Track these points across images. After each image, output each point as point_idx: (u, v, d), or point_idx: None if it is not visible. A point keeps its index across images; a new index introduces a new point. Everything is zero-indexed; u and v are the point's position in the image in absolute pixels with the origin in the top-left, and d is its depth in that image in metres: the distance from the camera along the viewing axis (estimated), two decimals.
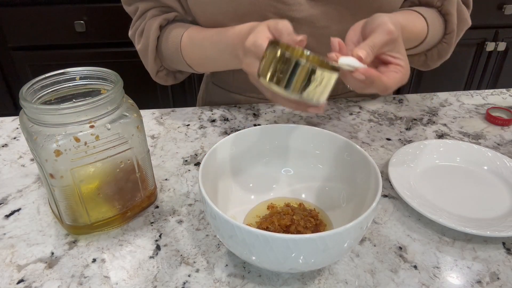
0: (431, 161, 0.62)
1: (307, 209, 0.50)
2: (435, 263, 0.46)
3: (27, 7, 1.46)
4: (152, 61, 0.72)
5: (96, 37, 1.55)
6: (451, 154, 0.63)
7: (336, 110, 0.78)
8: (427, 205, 0.52)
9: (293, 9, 0.65)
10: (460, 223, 0.49)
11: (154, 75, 0.76)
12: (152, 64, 0.73)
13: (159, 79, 0.77)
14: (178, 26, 0.70)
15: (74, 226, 0.48)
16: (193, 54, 0.68)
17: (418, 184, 0.57)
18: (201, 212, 0.52)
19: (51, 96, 0.46)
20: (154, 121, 0.74)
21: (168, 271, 0.44)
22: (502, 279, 0.44)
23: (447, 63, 0.84)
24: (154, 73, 0.75)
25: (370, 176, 0.45)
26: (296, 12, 0.65)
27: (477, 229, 0.47)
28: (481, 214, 0.52)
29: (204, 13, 0.69)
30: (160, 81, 0.78)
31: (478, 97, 0.84)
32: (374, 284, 0.43)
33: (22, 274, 0.44)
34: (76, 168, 0.43)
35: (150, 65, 0.73)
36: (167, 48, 0.70)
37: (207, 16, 0.69)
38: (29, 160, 0.63)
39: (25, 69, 1.59)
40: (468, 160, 0.62)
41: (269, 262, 0.38)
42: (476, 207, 0.53)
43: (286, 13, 0.65)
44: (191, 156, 0.64)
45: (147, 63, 0.74)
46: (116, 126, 0.44)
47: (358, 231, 0.38)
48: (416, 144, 0.63)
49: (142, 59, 0.74)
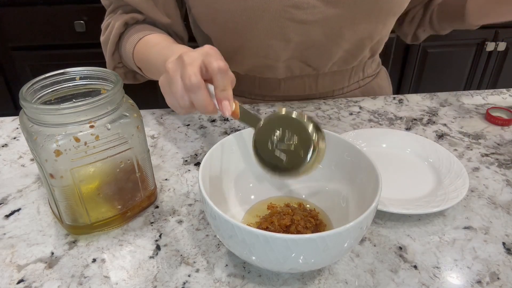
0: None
1: (307, 209, 0.50)
2: (435, 263, 0.46)
3: (27, 7, 1.46)
4: (110, 56, 0.72)
5: (96, 37, 1.53)
6: (378, 141, 0.66)
7: (336, 110, 0.78)
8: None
9: (308, 13, 0.65)
10: (404, 206, 0.51)
11: (111, 70, 0.75)
12: (109, 58, 0.73)
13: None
14: (143, 29, 0.68)
15: (74, 226, 0.48)
16: (141, 56, 0.66)
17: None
18: (201, 212, 0.52)
19: (51, 96, 0.46)
20: (154, 121, 0.74)
21: (168, 271, 0.44)
22: (502, 279, 0.44)
23: (447, 63, 0.84)
24: (111, 68, 0.75)
25: (370, 176, 0.45)
26: (310, 16, 0.65)
27: (417, 209, 0.50)
28: (414, 194, 0.55)
29: (214, 21, 0.68)
30: None
31: (478, 97, 0.84)
32: (374, 284, 0.43)
33: (22, 274, 0.44)
34: (76, 168, 0.43)
35: (108, 59, 0.73)
36: (124, 46, 0.69)
37: (217, 25, 0.68)
38: (29, 160, 0.63)
39: (25, 69, 1.59)
40: (394, 145, 0.65)
41: (269, 262, 0.38)
42: (409, 188, 0.57)
43: (300, 17, 0.65)
44: (191, 156, 0.64)
45: (105, 56, 0.73)
46: (116, 126, 0.44)
47: (358, 231, 0.38)
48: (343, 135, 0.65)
49: (103, 51, 0.74)
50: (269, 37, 0.68)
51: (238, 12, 0.64)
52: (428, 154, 0.62)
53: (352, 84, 0.84)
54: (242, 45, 0.70)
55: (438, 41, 1.73)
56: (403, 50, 1.77)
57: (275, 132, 0.45)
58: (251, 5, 0.63)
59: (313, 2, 0.64)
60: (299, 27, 0.67)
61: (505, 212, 0.53)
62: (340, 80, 0.81)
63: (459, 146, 0.67)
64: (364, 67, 0.83)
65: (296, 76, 0.78)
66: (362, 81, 0.85)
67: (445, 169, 0.59)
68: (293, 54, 0.72)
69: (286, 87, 0.79)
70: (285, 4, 0.63)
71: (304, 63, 0.74)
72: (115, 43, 0.71)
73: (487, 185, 0.58)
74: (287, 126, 0.45)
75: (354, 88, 0.85)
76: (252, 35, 0.67)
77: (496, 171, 0.61)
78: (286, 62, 0.74)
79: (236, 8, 0.64)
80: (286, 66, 0.75)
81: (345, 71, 0.80)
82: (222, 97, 0.45)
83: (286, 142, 0.44)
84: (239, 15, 0.64)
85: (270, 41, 0.68)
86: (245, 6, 0.63)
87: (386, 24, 0.72)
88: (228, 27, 0.67)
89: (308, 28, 0.67)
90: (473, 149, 0.66)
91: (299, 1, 0.63)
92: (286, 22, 0.65)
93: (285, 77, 0.77)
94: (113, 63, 0.74)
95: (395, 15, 0.72)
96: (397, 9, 0.70)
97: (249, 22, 0.65)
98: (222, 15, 0.66)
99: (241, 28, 0.66)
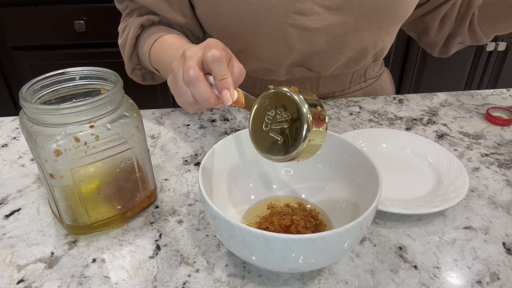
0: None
1: (307, 209, 0.50)
2: (435, 263, 0.46)
3: (27, 7, 1.46)
4: (128, 58, 0.72)
5: (96, 37, 1.55)
6: (378, 141, 0.66)
7: (336, 110, 0.78)
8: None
9: (311, 19, 0.65)
10: (404, 206, 0.51)
11: (129, 72, 0.76)
12: (127, 61, 0.73)
13: (135, 76, 0.77)
14: (159, 30, 0.68)
15: (74, 226, 0.48)
16: (156, 57, 0.66)
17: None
18: (201, 212, 0.52)
19: (51, 96, 0.46)
20: (154, 121, 0.74)
21: (168, 271, 0.44)
22: (502, 279, 0.44)
23: (447, 63, 0.84)
24: (129, 70, 0.75)
25: (370, 176, 0.45)
26: (314, 22, 0.65)
27: (418, 209, 0.50)
28: (414, 194, 0.56)
29: (217, 23, 0.68)
30: (136, 79, 0.77)
31: (478, 97, 0.84)
32: (374, 284, 0.43)
33: (22, 274, 0.44)
34: (76, 168, 0.43)
35: (126, 61, 0.73)
36: (141, 48, 0.70)
37: (219, 27, 0.68)
38: (29, 160, 0.63)
39: (25, 69, 1.59)
40: (394, 145, 0.65)
41: (269, 262, 0.38)
42: (409, 188, 0.57)
43: (304, 23, 0.65)
44: (191, 156, 0.64)
45: (124, 59, 0.74)
46: (116, 126, 0.44)
47: (358, 231, 0.38)
48: (344, 135, 0.65)
49: (122, 54, 0.74)
50: (272, 42, 0.67)
51: (241, 16, 0.64)
52: (428, 154, 0.62)
53: (353, 86, 0.84)
54: (244, 49, 0.70)
55: None
56: (403, 50, 1.77)
57: (270, 112, 0.42)
58: (254, 9, 0.63)
59: (316, 9, 0.64)
60: (302, 34, 0.66)
61: (505, 212, 0.53)
62: (341, 83, 0.81)
63: (459, 146, 0.67)
64: (366, 70, 0.83)
65: (297, 78, 0.78)
66: (363, 83, 0.85)
67: (445, 169, 0.59)
68: (296, 60, 0.72)
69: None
70: (289, 10, 0.63)
71: (306, 67, 0.74)
72: (133, 46, 0.71)
73: (487, 185, 0.58)
74: (282, 105, 0.41)
75: (356, 90, 0.84)
76: (255, 40, 0.67)
77: (496, 171, 0.61)
78: (288, 67, 0.74)
79: (239, 12, 0.64)
80: (287, 70, 0.75)
81: (346, 74, 0.80)
82: (221, 86, 0.44)
83: (279, 123, 0.41)
84: (242, 19, 0.64)
85: (272, 46, 0.68)
86: (248, 10, 0.63)
87: (389, 32, 0.72)
88: (231, 30, 0.67)
89: (312, 35, 0.67)
90: (473, 149, 0.66)
91: (303, 7, 0.63)
92: (289, 28, 0.65)
93: (286, 79, 0.77)
94: (132, 65, 0.74)
95: (399, 23, 0.72)
96: (401, 17, 0.70)
97: (252, 27, 0.65)
98: (225, 18, 0.66)
99: (244, 32, 0.66)
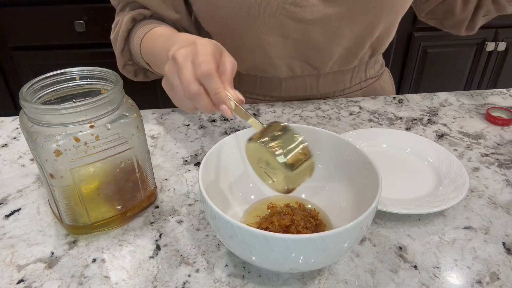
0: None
1: (307, 209, 0.50)
2: (435, 263, 0.46)
3: (27, 7, 1.46)
4: (120, 52, 0.72)
5: (96, 37, 1.55)
6: (378, 141, 0.66)
7: (336, 110, 0.78)
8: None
9: (307, 11, 0.65)
10: (404, 206, 0.51)
11: (121, 68, 0.75)
12: (119, 55, 0.72)
13: (127, 72, 0.76)
14: (150, 23, 0.68)
15: (74, 226, 0.48)
16: (147, 48, 0.66)
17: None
18: (201, 212, 0.52)
19: (51, 96, 0.46)
20: (154, 121, 0.74)
21: (168, 271, 0.44)
22: (502, 279, 0.44)
23: (447, 63, 0.84)
24: (121, 65, 0.74)
25: (370, 176, 0.45)
26: (309, 14, 0.65)
27: (418, 209, 0.50)
28: (414, 194, 0.55)
29: (214, 18, 0.68)
30: (128, 75, 0.76)
31: (478, 97, 0.84)
32: (374, 284, 0.43)
33: (22, 274, 0.44)
34: (76, 168, 0.43)
35: (118, 56, 0.73)
36: (132, 41, 0.69)
37: (216, 21, 0.69)
38: (29, 160, 0.63)
39: (25, 69, 1.59)
40: (394, 145, 0.65)
41: (269, 262, 0.38)
42: (409, 188, 0.57)
43: (299, 15, 0.65)
44: (191, 156, 0.64)
45: (116, 54, 0.73)
46: (116, 126, 0.44)
47: (358, 231, 0.38)
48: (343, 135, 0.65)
49: (114, 49, 0.73)
50: (268, 34, 0.68)
51: (237, 9, 0.64)
52: (428, 154, 0.62)
53: (354, 86, 0.84)
54: (241, 42, 0.70)
55: (438, 41, 1.73)
56: (403, 50, 1.77)
57: (260, 161, 0.46)
58: (251, 1, 0.63)
59: (312, 0, 0.64)
60: (298, 26, 0.67)
61: (505, 212, 0.53)
62: (341, 81, 0.81)
63: (459, 146, 0.67)
64: (366, 68, 0.83)
65: (297, 76, 0.78)
66: (364, 82, 0.85)
67: (445, 169, 0.59)
68: (293, 52, 0.72)
69: (287, 87, 0.79)
70: (284, 1, 0.63)
71: (305, 62, 0.75)
72: (124, 39, 0.70)
73: (487, 185, 0.58)
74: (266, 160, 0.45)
75: (356, 90, 0.84)
76: (251, 32, 0.68)
77: (496, 171, 0.61)
78: (287, 61, 0.74)
79: (235, 5, 0.64)
80: (287, 64, 0.75)
81: (346, 72, 0.80)
82: (216, 101, 0.46)
83: (270, 168, 0.45)
84: (238, 11, 0.65)
85: (269, 38, 0.69)
86: (245, 2, 0.64)
87: (387, 22, 0.72)
88: (227, 23, 0.67)
89: (307, 27, 0.67)
90: (473, 149, 0.66)
91: None
92: (285, 20, 0.65)
93: (286, 77, 0.77)
94: (123, 60, 0.73)
95: (397, 13, 0.72)
96: (399, 7, 0.70)
97: (248, 19, 0.65)
98: (221, 12, 0.66)
99: (240, 25, 0.67)
